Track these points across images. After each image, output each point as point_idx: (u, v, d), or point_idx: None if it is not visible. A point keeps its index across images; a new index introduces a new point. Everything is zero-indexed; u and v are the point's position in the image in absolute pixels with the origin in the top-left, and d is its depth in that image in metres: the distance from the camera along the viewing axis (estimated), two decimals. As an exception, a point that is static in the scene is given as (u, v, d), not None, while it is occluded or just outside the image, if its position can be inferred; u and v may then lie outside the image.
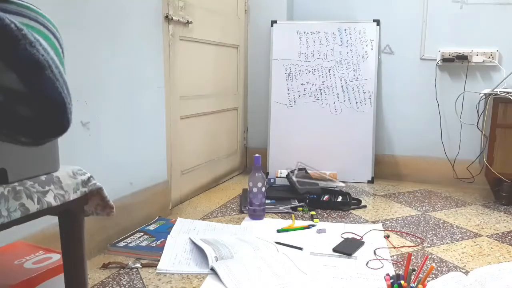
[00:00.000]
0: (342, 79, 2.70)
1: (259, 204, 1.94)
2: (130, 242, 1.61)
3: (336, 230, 1.82)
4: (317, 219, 1.95)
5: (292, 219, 1.96)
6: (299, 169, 2.41)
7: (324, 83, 2.72)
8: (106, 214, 0.94)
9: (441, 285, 1.26)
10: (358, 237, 1.72)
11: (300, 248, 1.62)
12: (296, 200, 2.17)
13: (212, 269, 1.39)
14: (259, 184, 1.91)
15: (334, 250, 1.58)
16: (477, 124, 2.61)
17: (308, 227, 1.84)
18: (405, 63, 2.76)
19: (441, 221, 1.99)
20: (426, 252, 1.62)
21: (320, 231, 1.79)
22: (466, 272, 1.32)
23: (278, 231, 1.79)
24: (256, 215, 1.95)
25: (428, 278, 1.38)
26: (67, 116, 0.68)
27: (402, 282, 1.13)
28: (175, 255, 1.50)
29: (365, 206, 2.19)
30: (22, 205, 0.73)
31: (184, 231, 1.72)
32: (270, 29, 2.79)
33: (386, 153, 2.84)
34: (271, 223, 1.91)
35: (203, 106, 2.43)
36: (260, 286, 1.31)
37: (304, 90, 2.73)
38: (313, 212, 2.05)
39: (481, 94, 2.50)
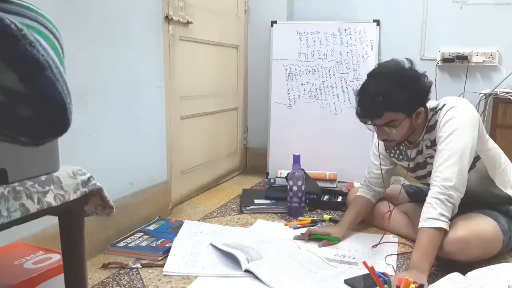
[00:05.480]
0: (342, 79, 2.70)
1: (298, 202, 1.97)
2: (130, 242, 1.61)
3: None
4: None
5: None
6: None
7: (324, 83, 2.72)
8: (106, 214, 0.94)
9: None
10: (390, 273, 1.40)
11: None
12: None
13: (247, 271, 1.38)
14: (299, 183, 1.95)
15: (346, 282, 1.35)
16: (477, 124, 2.61)
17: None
18: (405, 63, 2.75)
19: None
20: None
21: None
22: (464, 273, 1.31)
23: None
24: (296, 213, 1.98)
25: (428, 278, 1.38)
26: (67, 117, 0.68)
27: None
28: (181, 257, 1.48)
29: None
30: (22, 205, 0.73)
31: (191, 234, 1.70)
32: (270, 29, 2.79)
33: (386, 153, 2.83)
34: (279, 225, 1.89)
35: (203, 106, 2.42)
36: (301, 283, 1.32)
37: (304, 90, 2.73)
38: (327, 217, 1.97)
39: (481, 94, 2.50)
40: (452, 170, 1.38)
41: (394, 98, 1.40)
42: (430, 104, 1.55)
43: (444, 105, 1.48)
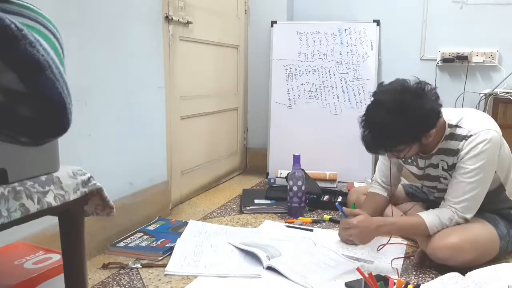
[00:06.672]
0: (342, 79, 2.70)
1: (298, 202, 1.97)
2: (130, 242, 1.61)
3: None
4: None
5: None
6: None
7: (324, 83, 2.72)
8: (106, 214, 0.94)
9: (439, 286, 1.26)
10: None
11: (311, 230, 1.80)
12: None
13: (269, 268, 1.39)
14: (299, 183, 1.94)
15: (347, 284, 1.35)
16: (477, 124, 2.60)
17: None
18: (405, 63, 2.75)
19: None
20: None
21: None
22: (464, 273, 1.31)
23: None
24: (296, 214, 1.97)
25: (427, 279, 1.38)
26: (67, 117, 0.68)
27: None
28: (184, 257, 1.48)
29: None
30: (22, 205, 0.73)
31: (195, 234, 1.69)
32: (270, 29, 2.79)
33: (386, 153, 2.83)
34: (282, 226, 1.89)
35: (203, 106, 2.42)
36: (324, 277, 1.35)
37: (304, 90, 2.73)
38: (327, 217, 1.98)
39: (481, 95, 2.50)
40: (472, 204, 1.43)
41: (399, 136, 1.36)
42: (448, 116, 1.48)
43: (471, 135, 1.42)
